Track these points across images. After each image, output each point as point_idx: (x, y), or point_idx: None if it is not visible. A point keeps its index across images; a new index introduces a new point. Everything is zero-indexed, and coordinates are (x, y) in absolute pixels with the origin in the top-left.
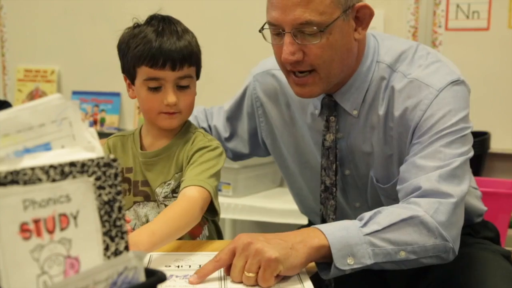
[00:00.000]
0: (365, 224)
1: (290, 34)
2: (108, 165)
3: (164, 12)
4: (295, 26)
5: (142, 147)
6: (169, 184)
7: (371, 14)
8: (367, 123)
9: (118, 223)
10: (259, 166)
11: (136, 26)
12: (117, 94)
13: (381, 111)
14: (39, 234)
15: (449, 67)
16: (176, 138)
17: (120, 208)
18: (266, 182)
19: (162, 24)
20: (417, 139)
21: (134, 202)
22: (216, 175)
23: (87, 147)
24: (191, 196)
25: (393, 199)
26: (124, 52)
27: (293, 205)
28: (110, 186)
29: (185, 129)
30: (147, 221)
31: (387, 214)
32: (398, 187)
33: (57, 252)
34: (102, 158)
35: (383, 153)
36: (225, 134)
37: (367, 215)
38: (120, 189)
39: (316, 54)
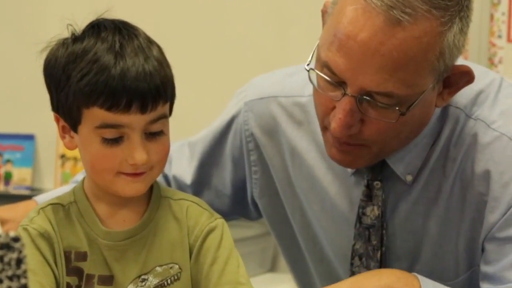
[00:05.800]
0: None
1: (354, 99)
2: (7, 246)
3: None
4: (366, 92)
5: (102, 222)
6: (144, 280)
7: (468, 82)
8: (424, 193)
9: None
10: (242, 241)
11: (76, 39)
12: (30, 137)
13: (450, 176)
14: None
15: None
16: (151, 208)
17: None
18: (252, 265)
19: (119, 37)
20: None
21: None
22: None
23: None
24: None
25: None
26: (60, 82)
27: None
28: (10, 279)
29: (156, 193)
30: None
31: None
32: None
33: None
34: None
35: (443, 236)
36: (187, 180)
37: None
38: (25, 282)
39: (379, 131)
